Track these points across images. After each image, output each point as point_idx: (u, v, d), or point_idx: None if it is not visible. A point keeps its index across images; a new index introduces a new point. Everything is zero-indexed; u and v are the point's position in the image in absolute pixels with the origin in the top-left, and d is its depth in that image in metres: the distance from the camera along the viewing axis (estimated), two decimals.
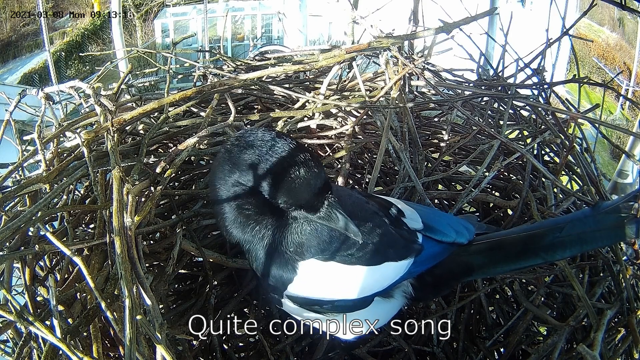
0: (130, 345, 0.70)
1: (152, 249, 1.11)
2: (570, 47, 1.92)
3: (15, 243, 0.97)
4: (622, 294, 1.03)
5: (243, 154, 0.76)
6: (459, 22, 1.32)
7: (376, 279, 0.85)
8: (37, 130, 1.14)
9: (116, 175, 0.91)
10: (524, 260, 0.90)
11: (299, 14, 9.14)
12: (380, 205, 0.93)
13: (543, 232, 0.89)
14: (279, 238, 0.82)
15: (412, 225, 0.92)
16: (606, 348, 0.98)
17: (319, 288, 0.84)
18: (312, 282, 0.83)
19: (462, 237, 0.91)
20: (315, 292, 0.84)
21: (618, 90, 9.45)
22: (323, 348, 1.19)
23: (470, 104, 1.57)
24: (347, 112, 1.44)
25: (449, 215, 1.01)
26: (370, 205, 0.91)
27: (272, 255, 0.83)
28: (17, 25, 13.48)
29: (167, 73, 1.57)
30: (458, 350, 1.22)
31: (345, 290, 0.85)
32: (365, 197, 0.95)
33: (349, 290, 0.84)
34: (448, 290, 1.15)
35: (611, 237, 0.88)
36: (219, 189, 0.80)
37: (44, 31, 7.01)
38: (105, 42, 13.15)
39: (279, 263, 0.83)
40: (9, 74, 12.12)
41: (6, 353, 1.02)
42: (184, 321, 1.21)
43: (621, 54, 14.46)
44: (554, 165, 1.41)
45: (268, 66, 1.49)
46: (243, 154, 0.76)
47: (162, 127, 1.26)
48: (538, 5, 8.75)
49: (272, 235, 0.81)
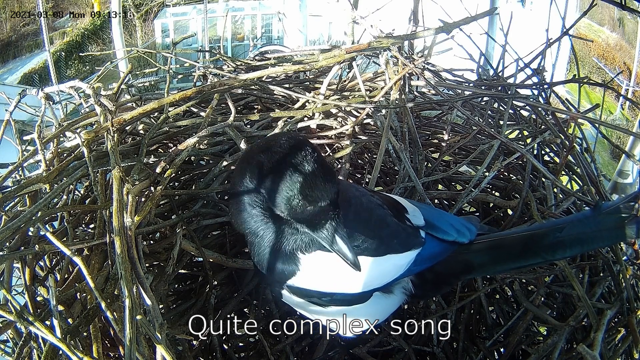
0: (130, 345, 0.70)
1: (152, 249, 1.11)
2: (570, 47, 1.92)
3: (15, 243, 0.97)
4: (622, 294, 1.03)
5: (257, 155, 0.75)
6: (459, 22, 1.32)
7: (379, 272, 0.85)
8: (37, 130, 1.14)
9: (116, 175, 0.91)
10: (525, 259, 0.90)
11: (299, 14, 9.14)
12: (384, 199, 0.93)
13: (544, 232, 0.89)
14: (283, 231, 0.81)
15: (414, 222, 0.92)
16: (606, 348, 0.98)
17: (319, 280, 0.84)
18: (313, 273, 0.83)
19: (464, 237, 0.91)
20: (315, 284, 0.84)
21: (618, 90, 9.45)
22: (323, 348, 1.19)
23: (470, 104, 1.57)
24: (347, 112, 1.44)
25: (451, 214, 1.01)
26: (375, 199, 0.91)
27: (275, 246, 0.82)
28: (17, 25, 13.48)
29: (167, 73, 1.57)
30: (458, 350, 1.22)
31: (346, 283, 0.84)
32: (370, 192, 0.95)
33: (349, 282, 0.84)
34: (448, 288, 1.15)
35: (612, 237, 0.88)
36: (235, 181, 0.81)
37: (44, 31, 7.01)
38: (105, 42, 13.15)
39: (281, 254, 0.83)
40: (9, 74, 12.12)
41: (6, 353, 1.02)
42: (184, 321, 1.21)
43: (621, 54, 14.45)
44: (554, 165, 1.41)
45: (268, 66, 1.49)
46: (257, 155, 0.75)
47: (162, 127, 1.26)
48: (538, 5, 8.74)
49: (277, 228, 0.81)
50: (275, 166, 0.72)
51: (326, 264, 0.82)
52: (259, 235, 0.82)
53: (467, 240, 0.91)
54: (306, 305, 0.90)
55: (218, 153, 1.37)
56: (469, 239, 0.92)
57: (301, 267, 0.83)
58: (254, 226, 0.81)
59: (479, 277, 1.20)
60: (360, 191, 0.92)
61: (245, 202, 0.79)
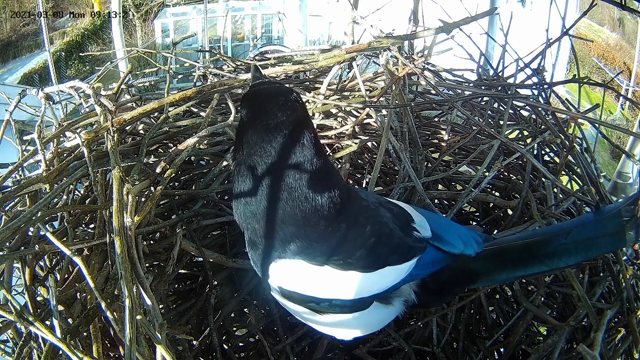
0: (130, 345, 0.70)
1: (152, 249, 1.11)
2: (570, 47, 1.92)
3: (15, 243, 0.97)
4: (622, 294, 1.03)
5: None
6: (459, 22, 1.32)
7: (375, 280, 0.84)
8: (37, 130, 1.14)
9: (116, 175, 0.90)
10: (529, 267, 0.89)
11: (299, 14, 9.15)
12: (389, 209, 0.92)
13: (548, 238, 0.88)
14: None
15: (420, 233, 0.90)
16: (606, 348, 0.98)
17: (314, 287, 0.83)
18: (307, 277, 0.82)
19: (470, 249, 0.90)
20: (312, 289, 0.83)
21: (618, 90, 9.45)
22: (323, 348, 1.19)
23: (470, 104, 1.57)
24: (347, 112, 1.44)
25: (459, 225, 1.00)
26: (379, 210, 0.90)
27: (268, 247, 0.82)
28: (17, 25, 13.47)
29: (167, 73, 1.57)
30: (458, 350, 1.23)
31: (344, 288, 0.83)
32: (375, 200, 0.93)
33: (347, 288, 0.83)
34: (451, 297, 1.14)
35: (614, 243, 0.86)
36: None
37: (44, 31, 7.01)
38: (105, 42, 13.15)
39: (274, 258, 0.83)
40: (9, 74, 12.12)
41: (6, 353, 1.02)
42: (184, 321, 1.21)
43: (621, 54, 14.46)
44: (554, 165, 1.41)
45: (268, 66, 1.49)
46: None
47: (162, 127, 1.26)
48: (538, 5, 8.74)
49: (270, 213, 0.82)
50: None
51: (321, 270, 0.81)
52: (249, 228, 0.83)
53: (474, 253, 0.90)
54: (303, 312, 0.89)
55: (218, 153, 1.37)
56: (475, 251, 0.90)
57: (290, 273, 0.82)
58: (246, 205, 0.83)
59: (483, 286, 1.17)
60: (368, 200, 0.91)
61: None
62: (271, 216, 0.81)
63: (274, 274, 0.84)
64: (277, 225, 0.81)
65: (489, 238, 0.97)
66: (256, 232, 0.84)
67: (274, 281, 0.85)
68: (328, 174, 0.83)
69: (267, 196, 0.80)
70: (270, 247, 0.83)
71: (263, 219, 0.82)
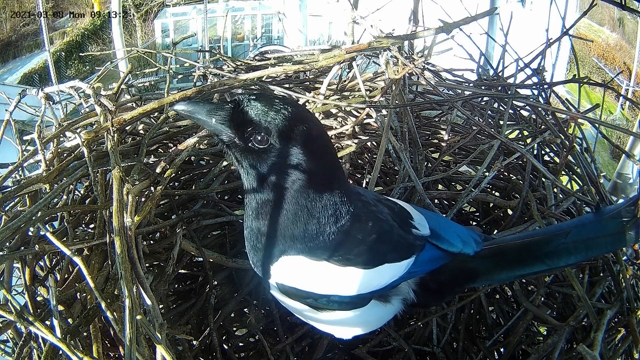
0: (130, 345, 0.70)
1: (152, 249, 1.11)
2: (570, 47, 1.92)
3: (15, 243, 0.97)
4: (622, 294, 1.03)
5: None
6: (459, 22, 1.31)
7: (374, 277, 0.84)
8: (37, 130, 1.14)
9: (116, 175, 0.90)
10: (529, 266, 0.89)
11: (299, 14, 9.16)
12: (388, 207, 0.92)
13: (547, 238, 0.88)
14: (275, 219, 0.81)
15: (419, 230, 0.91)
16: (606, 348, 0.98)
17: (313, 282, 0.83)
18: (307, 273, 0.83)
19: (469, 248, 0.90)
20: (311, 284, 0.84)
21: (618, 90, 9.45)
22: (323, 348, 1.19)
23: (470, 104, 1.57)
24: (347, 112, 1.44)
25: (457, 225, 1.00)
26: (379, 207, 0.90)
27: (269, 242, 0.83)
28: (17, 25, 13.48)
29: (167, 73, 1.57)
30: (458, 350, 1.23)
31: (342, 284, 0.83)
32: (375, 197, 0.94)
33: (346, 284, 0.83)
34: (451, 297, 1.14)
35: (614, 243, 0.86)
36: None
37: (44, 31, 7.01)
38: (105, 42, 13.16)
39: (275, 256, 0.83)
40: (9, 74, 12.13)
41: (6, 353, 1.02)
42: (184, 321, 1.21)
43: (621, 54, 14.46)
44: (554, 165, 1.41)
45: (268, 66, 1.49)
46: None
47: (162, 127, 1.26)
48: (538, 5, 8.74)
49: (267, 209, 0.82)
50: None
51: (320, 265, 0.82)
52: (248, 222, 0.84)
53: (473, 252, 0.90)
54: (302, 309, 0.89)
55: (218, 153, 1.37)
56: (474, 250, 0.90)
57: (290, 268, 0.82)
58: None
59: (483, 285, 1.18)
60: (367, 195, 0.91)
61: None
62: (274, 215, 0.81)
63: (274, 271, 0.84)
64: (279, 224, 0.81)
65: (488, 238, 0.97)
66: (259, 231, 0.84)
67: (274, 278, 0.85)
68: (331, 171, 0.83)
69: (271, 195, 0.80)
70: (272, 246, 0.83)
71: (266, 217, 0.82)
